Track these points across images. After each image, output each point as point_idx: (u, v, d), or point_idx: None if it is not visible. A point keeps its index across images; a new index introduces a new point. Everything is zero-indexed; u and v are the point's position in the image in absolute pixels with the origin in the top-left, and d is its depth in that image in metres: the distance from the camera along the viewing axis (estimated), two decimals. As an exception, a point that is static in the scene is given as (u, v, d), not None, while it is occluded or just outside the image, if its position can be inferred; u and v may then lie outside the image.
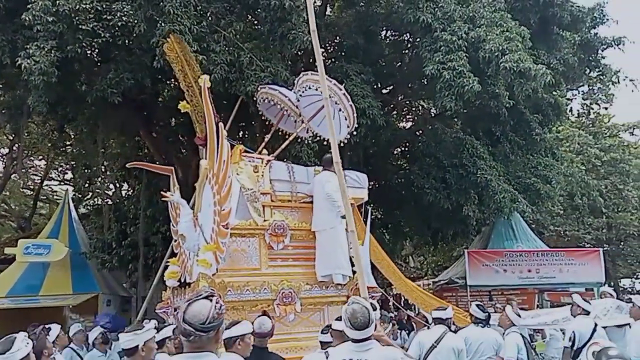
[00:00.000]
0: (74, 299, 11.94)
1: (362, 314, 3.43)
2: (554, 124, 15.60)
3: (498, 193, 11.48)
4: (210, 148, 5.73)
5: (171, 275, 6.48)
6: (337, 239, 6.16)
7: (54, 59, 7.49)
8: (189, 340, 2.34)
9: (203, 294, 2.44)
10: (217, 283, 5.37)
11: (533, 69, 8.69)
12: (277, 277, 5.91)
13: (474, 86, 8.72)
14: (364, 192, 7.13)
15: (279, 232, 6.08)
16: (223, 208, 5.41)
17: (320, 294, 6.10)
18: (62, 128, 13.17)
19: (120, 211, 13.19)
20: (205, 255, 5.42)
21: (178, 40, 7.50)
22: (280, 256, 6.11)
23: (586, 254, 14.72)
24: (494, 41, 8.94)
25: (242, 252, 5.90)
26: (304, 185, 6.58)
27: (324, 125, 7.04)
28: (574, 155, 20.15)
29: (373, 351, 3.46)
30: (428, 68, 9.20)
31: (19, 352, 3.51)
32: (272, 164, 6.52)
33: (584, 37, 12.57)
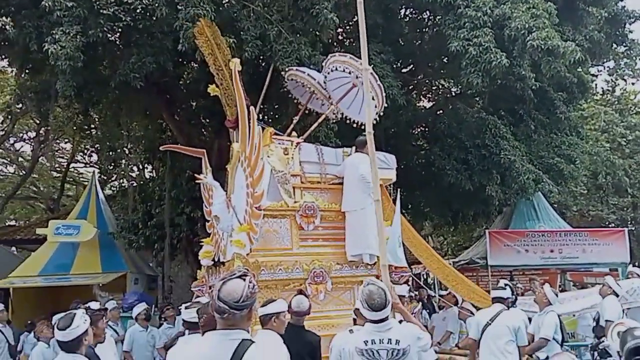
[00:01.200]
0: (103, 278, 12.28)
1: (379, 295, 3.49)
2: (578, 101, 15.30)
3: (522, 174, 11.38)
4: (242, 131, 5.86)
5: (205, 254, 6.67)
6: (367, 219, 6.18)
7: (79, 43, 7.61)
8: (223, 318, 2.41)
9: (237, 273, 2.51)
10: (251, 263, 5.51)
11: (562, 47, 8.47)
12: (308, 257, 6.03)
13: (502, 61, 8.53)
14: (392, 172, 7.15)
15: (310, 213, 6.16)
16: (256, 190, 5.54)
17: (350, 274, 6.22)
18: (86, 111, 13.39)
19: (145, 192, 13.43)
20: (239, 236, 5.56)
21: (208, 24, 7.51)
22: (310, 236, 6.20)
23: (610, 234, 14.54)
24: (519, 18, 8.72)
25: (274, 232, 6.01)
26: (333, 167, 6.63)
27: (353, 107, 7.17)
28: (599, 134, 19.80)
29: (393, 330, 3.53)
30: (452, 45, 9.03)
31: (79, 329, 3.68)
32: (302, 146, 6.57)
33: (610, 12, 12.25)
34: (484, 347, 5.60)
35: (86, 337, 3.74)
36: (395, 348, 3.46)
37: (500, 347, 5.49)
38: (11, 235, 17.51)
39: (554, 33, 8.66)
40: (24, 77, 12.70)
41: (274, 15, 8.69)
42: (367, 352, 3.48)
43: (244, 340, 2.42)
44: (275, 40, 8.43)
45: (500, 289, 6.01)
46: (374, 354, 3.47)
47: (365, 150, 6.42)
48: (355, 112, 7.21)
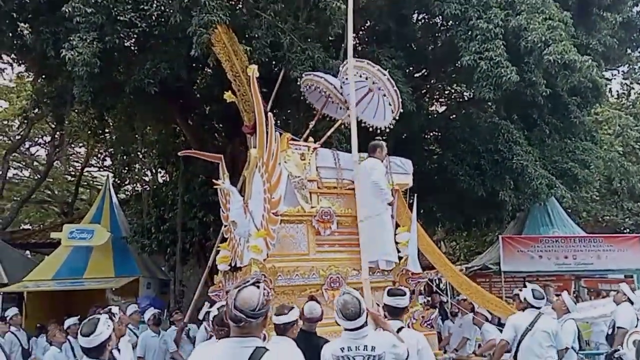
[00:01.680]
0: (116, 282, 12.37)
1: (353, 304, 3.62)
2: (592, 105, 15.17)
3: (535, 179, 11.31)
4: (259, 137, 5.91)
5: (222, 259, 6.73)
6: (384, 225, 6.29)
7: (95, 49, 7.68)
8: (239, 326, 2.41)
9: (250, 280, 2.51)
10: (268, 268, 5.56)
11: (578, 61, 8.44)
12: (324, 262, 6.06)
13: (512, 77, 8.53)
14: (409, 177, 7.18)
15: (326, 218, 6.20)
16: (273, 196, 5.58)
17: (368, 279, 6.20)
18: (101, 116, 13.52)
19: (158, 197, 13.51)
20: (257, 242, 5.59)
21: (225, 31, 7.64)
22: (327, 242, 6.24)
23: (626, 239, 14.38)
24: (536, 31, 8.65)
25: (290, 238, 6.05)
26: (350, 172, 6.63)
27: (368, 112, 7.25)
28: (613, 138, 19.61)
29: (369, 337, 3.67)
30: (464, 59, 9.03)
31: (102, 335, 3.66)
32: (318, 151, 6.62)
33: (625, 17, 12.17)
34: (526, 352, 5.63)
35: (109, 343, 3.75)
36: (370, 354, 3.59)
37: (542, 352, 5.55)
38: (25, 239, 17.72)
39: (570, 46, 8.60)
40: (40, 83, 12.84)
41: (287, 24, 8.74)
42: (343, 359, 3.63)
43: (258, 347, 2.43)
44: (288, 49, 8.48)
45: (539, 299, 5.97)
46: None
47: (377, 155, 6.56)
48: (370, 117, 7.27)
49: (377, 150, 6.60)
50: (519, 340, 5.68)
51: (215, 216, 11.36)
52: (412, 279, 6.42)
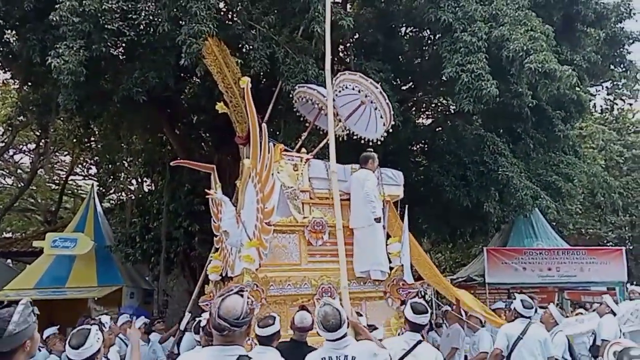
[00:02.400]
0: (98, 292, 12.23)
1: (334, 316, 3.68)
2: (576, 120, 15.40)
3: (520, 190, 11.41)
4: (253, 148, 5.97)
5: (214, 269, 6.82)
6: (376, 236, 6.35)
7: (82, 58, 7.63)
8: (222, 335, 2.42)
9: (234, 289, 2.52)
10: (260, 278, 5.60)
11: (558, 70, 8.56)
12: (316, 272, 6.11)
13: (491, 90, 8.65)
14: (400, 189, 7.27)
15: (318, 228, 6.27)
16: (266, 206, 5.65)
17: (359, 290, 6.29)
18: (87, 125, 13.44)
19: (143, 206, 13.43)
20: (249, 251, 5.66)
21: (216, 42, 7.67)
22: (319, 252, 6.30)
23: (608, 252, 14.59)
24: (518, 41, 8.80)
25: (282, 248, 6.12)
26: (341, 183, 6.67)
27: (360, 124, 7.34)
28: (596, 152, 19.90)
29: (350, 347, 3.72)
30: (447, 70, 9.14)
31: (92, 348, 3.54)
32: (311, 162, 6.70)
33: (609, 33, 12.38)
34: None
35: (98, 356, 3.63)
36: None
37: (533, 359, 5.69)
38: (7, 247, 17.44)
39: (551, 56, 8.75)
40: (26, 90, 12.74)
41: (281, 36, 8.78)
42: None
43: (241, 356, 2.44)
44: (282, 62, 8.51)
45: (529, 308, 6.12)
46: None
47: (369, 166, 6.66)
48: (362, 129, 7.36)
49: (369, 162, 6.68)
50: (510, 349, 5.79)
51: (201, 226, 11.34)
52: (403, 290, 6.47)
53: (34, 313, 2.39)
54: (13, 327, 2.28)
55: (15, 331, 2.28)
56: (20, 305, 2.34)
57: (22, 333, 2.31)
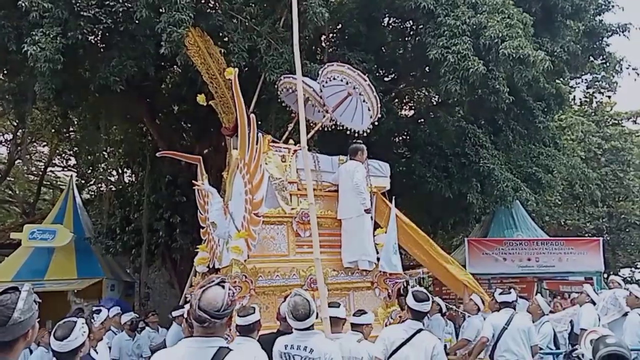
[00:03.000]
0: (78, 284, 12.07)
1: (303, 306, 3.79)
2: (556, 112, 15.56)
3: (501, 182, 11.52)
4: (241, 138, 6.00)
5: (201, 261, 6.85)
6: (364, 226, 6.41)
7: (59, 45, 7.49)
8: (203, 326, 2.40)
9: (215, 280, 2.49)
10: (249, 269, 5.64)
11: (532, 55, 8.64)
12: (304, 263, 6.13)
13: (479, 68, 8.66)
14: (387, 180, 7.35)
15: (306, 220, 6.24)
16: (255, 197, 5.67)
17: (346, 280, 6.38)
18: (65, 114, 13.22)
19: (123, 197, 13.30)
20: (238, 242, 5.69)
21: (199, 33, 7.59)
22: (306, 243, 6.26)
23: (586, 243, 14.78)
24: (494, 28, 8.87)
25: (270, 239, 6.16)
26: (329, 174, 6.79)
27: (346, 115, 7.39)
28: (575, 144, 20.15)
29: (312, 340, 3.82)
30: (432, 52, 9.15)
31: (76, 341, 3.52)
32: (298, 154, 6.65)
33: (588, 25, 12.49)
34: (503, 349, 5.93)
35: (82, 349, 3.59)
36: (308, 356, 3.74)
37: (518, 349, 5.86)
38: (-16, 239, 17.15)
39: (525, 42, 8.81)
40: (1, 79, 12.48)
41: (263, 26, 8.69)
42: (285, 355, 3.82)
43: (222, 347, 2.42)
44: (265, 52, 8.44)
45: (506, 294, 6.35)
46: (289, 357, 3.79)
47: (358, 157, 6.69)
48: (349, 120, 7.40)
49: (358, 153, 6.71)
50: (496, 338, 5.97)
51: (182, 217, 11.27)
52: (390, 280, 6.54)
53: (36, 301, 2.24)
54: (18, 314, 2.10)
55: (20, 319, 2.11)
56: (24, 292, 2.18)
57: (26, 321, 2.13)
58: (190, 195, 11.32)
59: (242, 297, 5.52)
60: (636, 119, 26.17)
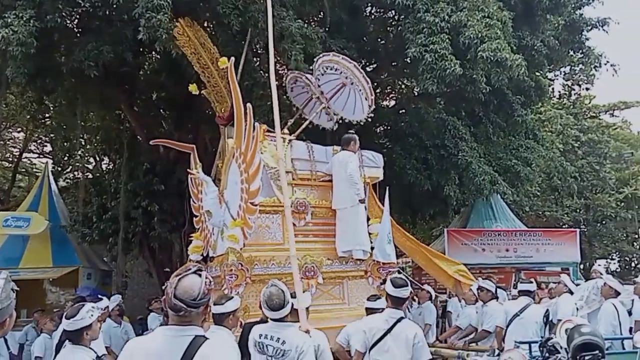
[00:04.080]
0: (54, 272, 11.93)
1: (278, 296, 3.83)
2: (536, 104, 15.69)
3: (478, 175, 11.58)
4: (237, 128, 6.05)
5: (195, 249, 6.92)
6: (358, 216, 6.54)
7: (32, 29, 7.31)
8: (178, 315, 2.37)
9: (192, 268, 2.47)
10: (245, 257, 5.73)
11: (509, 59, 8.70)
12: (300, 252, 6.11)
13: (455, 69, 8.69)
14: (379, 171, 7.47)
15: (301, 209, 6.42)
16: (251, 186, 5.72)
17: (340, 269, 6.49)
18: (41, 100, 12.93)
19: (100, 185, 13.11)
20: (234, 231, 5.77)
21: (188, 23, 7.55)
22: (301, 232, 6.38)
23: (563, 234, 15.03)
24: (474, 27, 8.87)
25: (266, 228, 6.24)
26: (323, 165, 6.89)
27: (343, 106, 7.45)
28: (554, 137, 20.37)
29: (285, 332, 3.83)
30: (410, 50, 9.14)
31: (83, 321, 3.74)
32: (293, 144, 6.79)
33: (568, 19, 12.57)
34: (513, 336, 5.98)
35: (88, 332, 3.79)
36: (279, 347, 3.77)
37: (527, 338, 5.86)
38: (-43, 226, 16.78)
39: (504, 44, 8.85)
40: (-27, 62, 12.15)
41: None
42: (259, 345, 3.85)
43: (197, 336, 2.39)
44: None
45: (527, 283, 6.56)
46: (263, 347, 3.82)
47: (351, 148, 6.78)
48: (346, 111, 7.49)
49: (351, 144, 6.79)
50: (507, 324, 6.14)
51: (160, 206, 11.14)
52: (383, 269, 6.66)
53: (13, 289, 2.19)
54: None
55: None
56: (1, 280, 2.10)
57: (4, 310, 2.08)
58: (169, 183, 11.22)
59: (238, 285, 5.60)
60: (613, 112, 26.61)
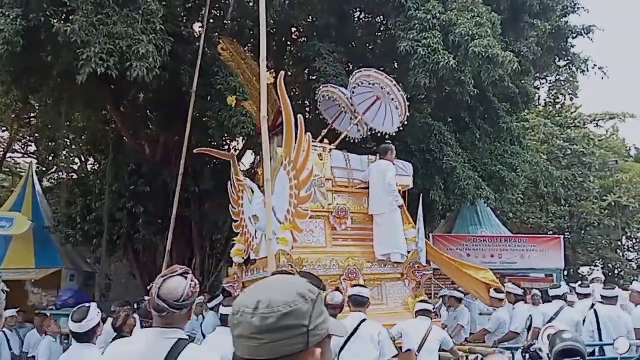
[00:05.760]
0: (36, 274, 11.79)
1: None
2: (522, 111, 15.81)
3: (463, 180, 11.65)
4: (287, 138, 6.44)
5: (237, 252, 7.31)
6: (396, 221, 6.90)
7: (19, 27, 7.25)
8: (161, 316, 2.35)
9: (178, 270, 2.44)
10: (295, 259, 6.03)
11: (501, 56, 8.76)
12: (342, 255, 6.58)
13: (449, 62, 8.74)
14: (410, 179, 7.91)
15: (342, 214, 6.81)
16: (302, 192, 6.12)
17: (379, 271, 6.82)
18: (26, 99, 12.76)
19: (85, 185, 12.97)
20: (284, 234, 6.13)
21: (229, 41, 8.05)
22: (342, 236, 6.82)
23: (547, 240, 15.15)
24: (464, 25, 8.94)
25: (310, 232, 6.57)
26: (359, 173, 7.27)
27: (377, 119, 7.98)
28: (539, 145, 20.52)
29: None
30: (402, 45, 9.16)
31: (93, 321, 3.85)
32: (332, 153, 7.16)
33: (554, 26, 12.70)
34: None
35: (98, 329, 3.94)
36: None
37: None
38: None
39: (494, 42, 8.93)
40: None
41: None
42: None
43: (181, 339, 2.37)
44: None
45: (557, 288, 7.03)
46: None
47: (389, 157, 7.21)
48: (380, 124, 7.98)
49: (388, 153, 7.19)
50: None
51: (145, 207, 11.06)
52: (418, 272, 6.97)
53: (4, 290, 2.18)
54: None
55: None
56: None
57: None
58: (154, 185, 11.15)
59: None
60: (598, 123, 26.87)
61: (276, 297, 1.13)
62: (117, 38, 7.41)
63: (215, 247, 12.48)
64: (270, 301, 1.12)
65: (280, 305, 1.12)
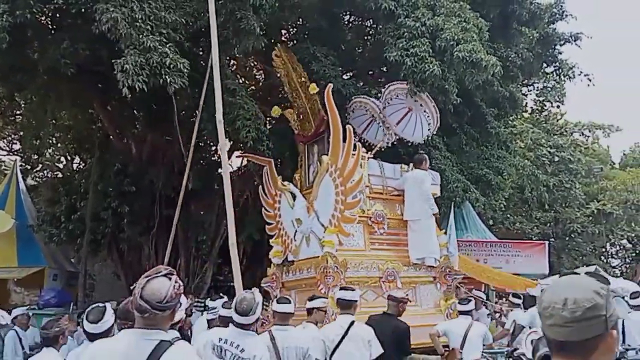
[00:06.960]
0: (18, 272, 11.68)
1: (248, 302, 3.84)
2: (509, 116, 15.91)
3: (451, 182, 11.71)
4: (334, 146, 6.93)
5: (276, 254, 7.71)
6: (430, 228, 7.36)
7: (5, 24, 7.17)
8: (143, 317, 2.32)
9: (163, 271, 2.40)
10: (340, 261, 6.35)
11: (484, 60, 8.82)
12: (380, 259, 6.93)
13: (434, 70, 8.78)
14: (437, 188, 8.33)
15: (379, 220, 7.25)
16: (349, 198, 6.58)
17: (415, 275, 7.28)
18: (12, 96, 12.65)
19: (70, 184, 12.85)
20: (331, 237, 6.52)
21: (284, 49, 8.45)
22: (378, 240, 7.23)
23: (532, 246, 15.26)
24: (450, 30, 8.98)
25: (351, 235, 6.93)
26: (392, 180, 7.72)
27: (407, 129, 8.56)
28: (525, 151, 20.67)
29: (246, 339, 3.80)
30: (391, 54, 9.18)
31: (109, 322, 3.86)
32: (369, 161, 7.61)
33: (542, 33, 12.83)
34: None
35: (112, 330, 3.90)
36: (238, 355, 3.73)
37: None
38: None
39: (479, 46, 8.97)
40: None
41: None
42: (217, 348, 3.81)
43: (163, 341, 2.33)
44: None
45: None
46: (221, 351, 3.78)
47: (423, 166, 7.75)
48: (410, 134, 8.54)
49: (423, 163, 7.74)
50: None
51: (130, 207, 10.97)
52: (449, 275, 7.39)
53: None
54: None
55: None
56: None
57: None
58: (140, 184, 11.07)
59: (334, 285, 6.17)
60: (583, 132, 27.15)
61: (579, 295, 1.46)
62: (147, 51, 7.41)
63: (200, 248, 12.39)
64: (576, 299, 1.45)
65: (584, 302, 1.45)
